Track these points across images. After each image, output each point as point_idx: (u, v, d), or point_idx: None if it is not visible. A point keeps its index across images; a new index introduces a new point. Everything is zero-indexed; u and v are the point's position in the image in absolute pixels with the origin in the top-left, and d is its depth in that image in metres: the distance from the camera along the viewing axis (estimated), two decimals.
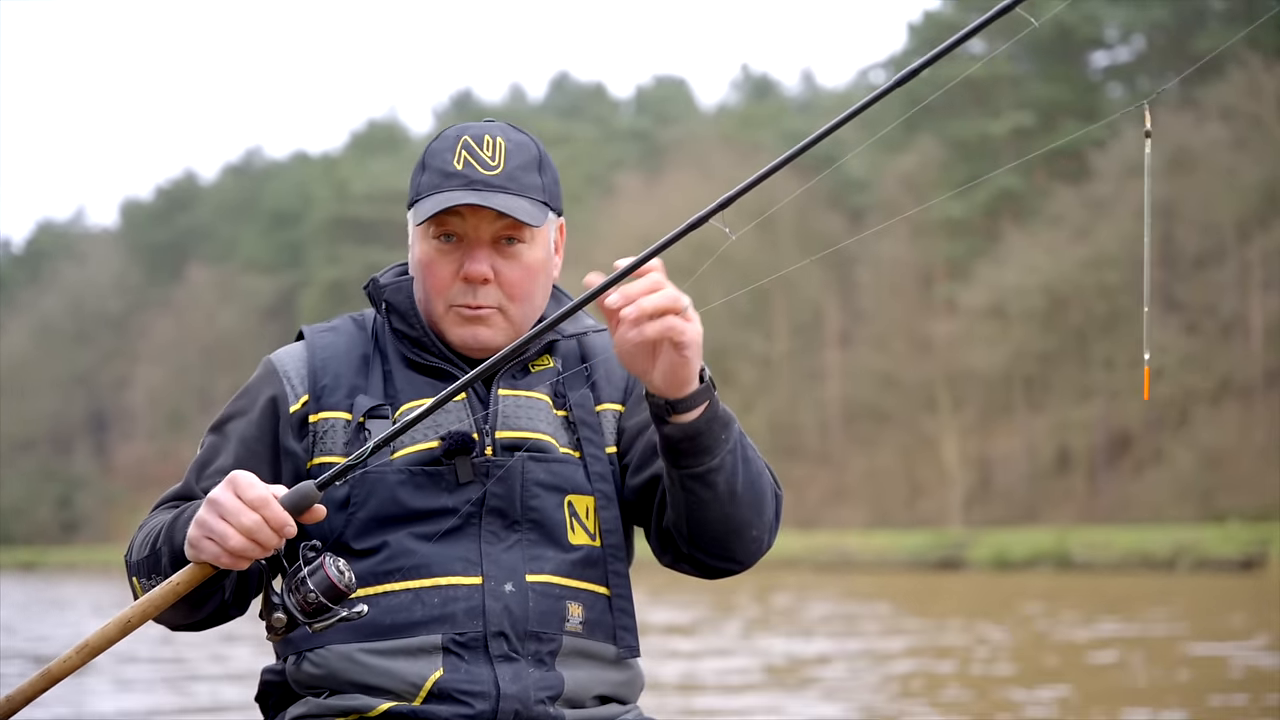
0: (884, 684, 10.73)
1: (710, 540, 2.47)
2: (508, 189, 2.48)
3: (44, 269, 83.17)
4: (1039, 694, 9.89)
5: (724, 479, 2.39)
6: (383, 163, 70.05)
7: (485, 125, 2.56)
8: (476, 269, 2.48)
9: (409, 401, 2.51)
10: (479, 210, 2.47)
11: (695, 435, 2.35)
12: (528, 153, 2.53)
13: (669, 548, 2.53)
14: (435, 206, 2.46)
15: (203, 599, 2.39)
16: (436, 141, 2.55)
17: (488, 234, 2.49)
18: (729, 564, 2.52)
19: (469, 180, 2.48)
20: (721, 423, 2.37)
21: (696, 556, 2.50)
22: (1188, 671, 11.25)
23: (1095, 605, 20.33)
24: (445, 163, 2.50)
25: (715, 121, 69.74)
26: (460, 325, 2.51)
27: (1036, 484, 46.42)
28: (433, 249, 2.50)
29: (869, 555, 41.04)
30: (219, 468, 2.49)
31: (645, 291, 2.26)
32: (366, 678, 2.41)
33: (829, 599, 23.73)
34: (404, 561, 2.43)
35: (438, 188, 2.48)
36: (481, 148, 2.51)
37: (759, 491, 2.45)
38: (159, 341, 72.91)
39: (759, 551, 2.52)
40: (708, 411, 2.35)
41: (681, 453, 2.36)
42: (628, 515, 2.58)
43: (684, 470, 2.38)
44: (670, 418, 2.34)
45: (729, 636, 15.87)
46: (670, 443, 2.36)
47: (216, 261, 75.17)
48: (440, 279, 2.50)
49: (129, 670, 12.48)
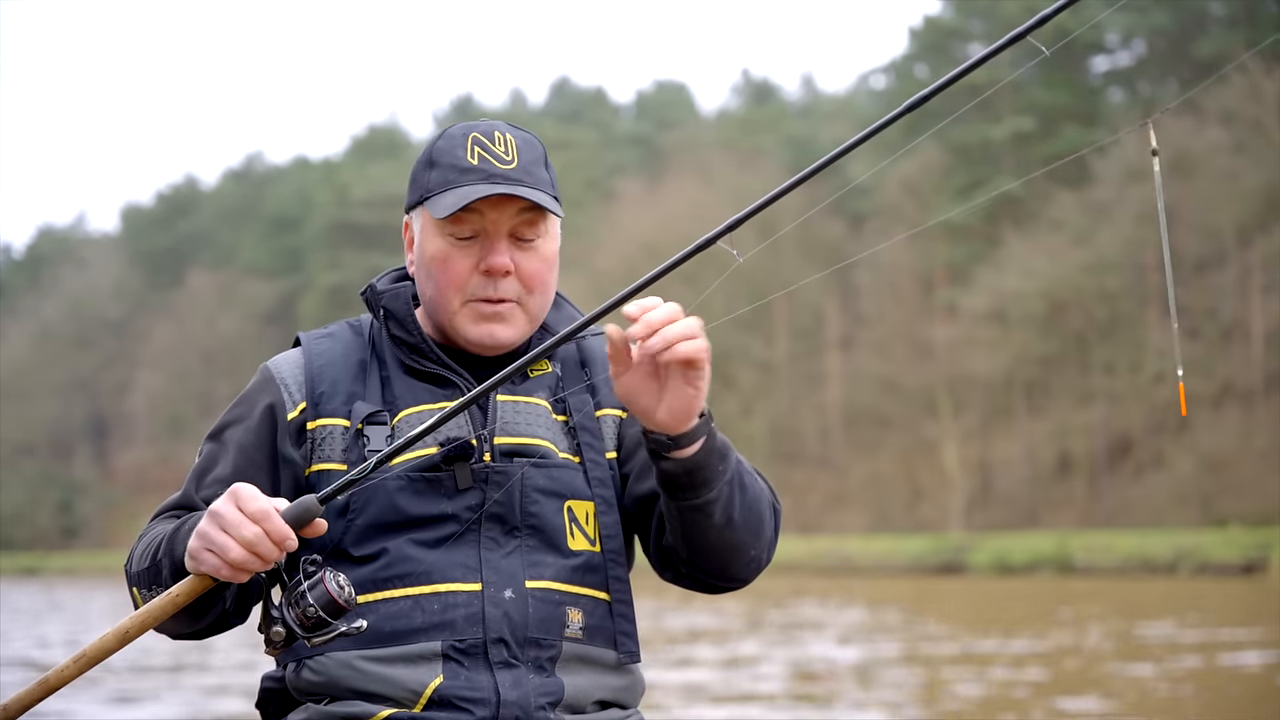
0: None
1: (709, 561, 2.47)
2: (524, 182, 2.48)
3: (44, 274, 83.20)
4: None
5: (721, 508, 2.39)
6: (383, 168, 70.09)
7: (491, 123, 2.55)
8: (500, 261, 2.47)
9: (407, 408, 2.50)
10: (499, 204, 2.46)
11: (694, 469, 2.34)
12: (535, 149, 2.54)
13: (669, 566, 2.53)
14: (461, 199, 2.44)
15: (204, 610, 2.39)
16: (442, 140, 2.53)
17: (506, 227, 2.49)
18: (728, 582, 2.53)
19: (488, 174, 2.47)
20: (720, 455, 2.36)
21: (696, 576, 2.51)
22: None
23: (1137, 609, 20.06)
24: (458, 159, 2.49)
25: (716, 126, 69.84)
26: (477, 322, 2.50)
27: (1037, 488, 46.42)
28: (449, 244, 2.49)
29: (870, 560, 41.03)
30: (217, 476, 2.48)
31: (665, 320, 2.25)
32: (366, 685, 2.40)
33: (863, 606, 23.26)
34: (403, 568, 2.42)
35: (454, 183, 2.47)
36: (494, 143, 2.50)
37: (757, 514, 2.45)
38: (159, 347, 72.94)
39: (757, 569, 2.52)
40: (706, 444, 2.34)
41: (680, 487, 2.36)
42: (627, 522, 2.58)
43: (682, 503, 2.38)
44: (670, 454, 2.33)
45: (765, 643, 15.59)
46: (669, 478, 2.35)
47: (217, 266, 75.22)
48: (458, 273, 2.49)
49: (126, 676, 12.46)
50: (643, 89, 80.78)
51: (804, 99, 75.31)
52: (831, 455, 52.03)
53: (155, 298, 76.61)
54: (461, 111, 79.83)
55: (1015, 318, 46.53)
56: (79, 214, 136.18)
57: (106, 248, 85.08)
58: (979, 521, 45.35)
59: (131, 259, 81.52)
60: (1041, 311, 45.85)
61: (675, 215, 51.52)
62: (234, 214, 79.39)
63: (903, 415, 49.67)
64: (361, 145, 76.20)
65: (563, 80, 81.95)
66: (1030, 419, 47.02)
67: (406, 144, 76.21)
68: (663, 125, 71.98)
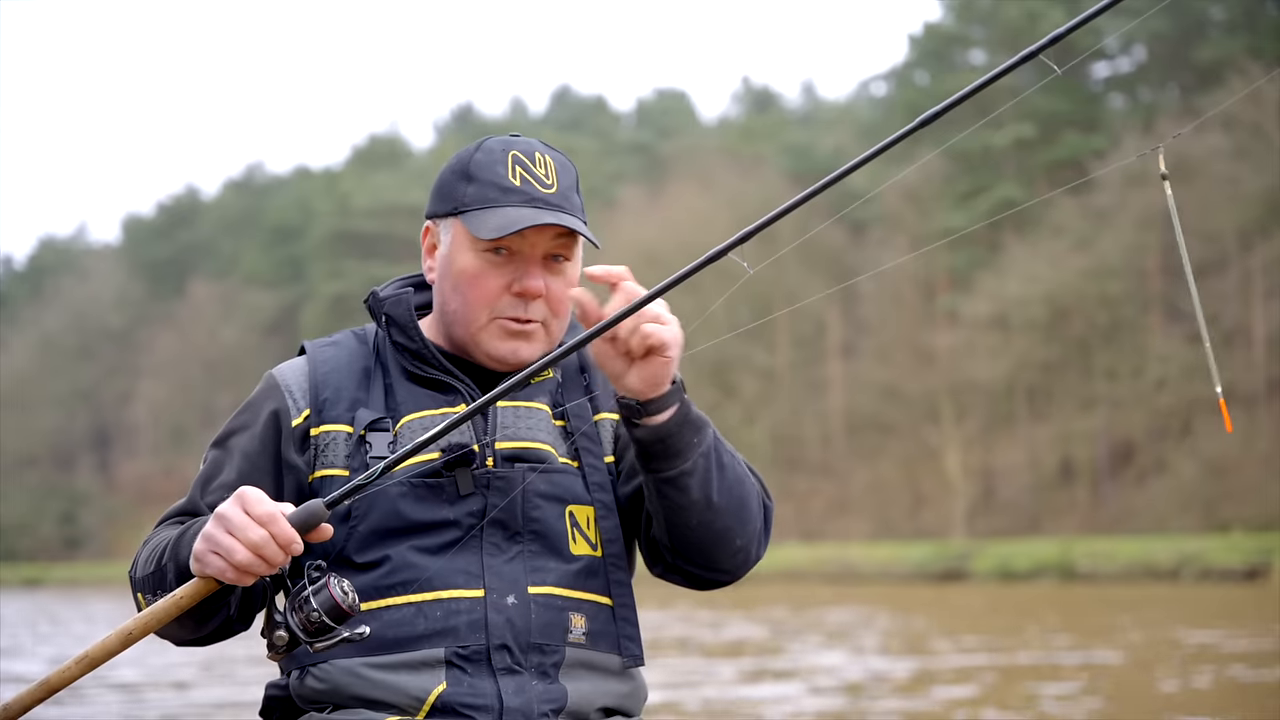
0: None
1: (693, 550, 2.48)
2: (564, 208, 2.51)
3: (46, 285, 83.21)
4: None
5: (697, 483, 2.40)
6: (384, 177, 70.10)
7: (530, 141, 2.57)
8: (535, 284, 2.49)
9: (410, 414, 2.51)
10: (540, 228, 2.48)
11: (666, 437, 2.37)
12: (571, 173, 2.56)
13: (658, 559, 2.55)
14: (511, 223, 2.45)
15: (208, 615, 2.39)
16: (480, 154, 2.54)
17: (541, 250, 2.51)
18: (715, 574, 2.53)
19: (530, 198, 2.49)
20: (693, 427, 2.39)
21: (682, 566, 2.52)
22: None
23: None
24: (499, 176, 2.50)
25: (716, 134, 69.86)
26: (504, 339, 2.51)
27: (1039, 495, 46.39)
28: (483, 261, 2.50)
29: (872, 567, 40.99)
30: (222, 483, 2.49)
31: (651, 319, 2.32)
32: (370, 692, 2.40)
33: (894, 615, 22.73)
34: (406, 575, 2.43)
35: (495, 202, 2.49)
36: (535, 164, 2.52)
37: (739, 499, 2.46)
38: (161, 357, 72.91)
39: (746, 562, 2.53)
40: (678, 414, 2.37)
41: (653, 455, 2.38)
42: (627, 525, 2.59)
43: (656, 474, 2.40)
44: (641, 420, 2.36)
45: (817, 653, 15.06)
46: (641, 445, 2.38)
47: (218, 277, 75.22)
48: (489, 291, 2.50)
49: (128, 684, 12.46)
50: (643, 97, 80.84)
51: (805, 106, 75.31)
52: (834, 462, 52.00)
53: (157, 308, 76.58)
54: (462, 120, 79.89)
55: (1017, 324, 46.52)
56: (80, 225, 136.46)
57: (108, 258, 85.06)
58: (981, 528, 45.31)
59: (133, 269, 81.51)
60: (1043, 317, 45.84)
61: (676, 223, 51.55)
62: (235, 224, 79.39)
63: (905, 422, 49.65)
64: (362, 155, 76.17)
65: (563, 89, 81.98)
66: (1032, 425, 47.00)
67: (407, 153, 76.21)
68: (663, 133, 72.00)
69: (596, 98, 79.82)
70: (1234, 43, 46.15)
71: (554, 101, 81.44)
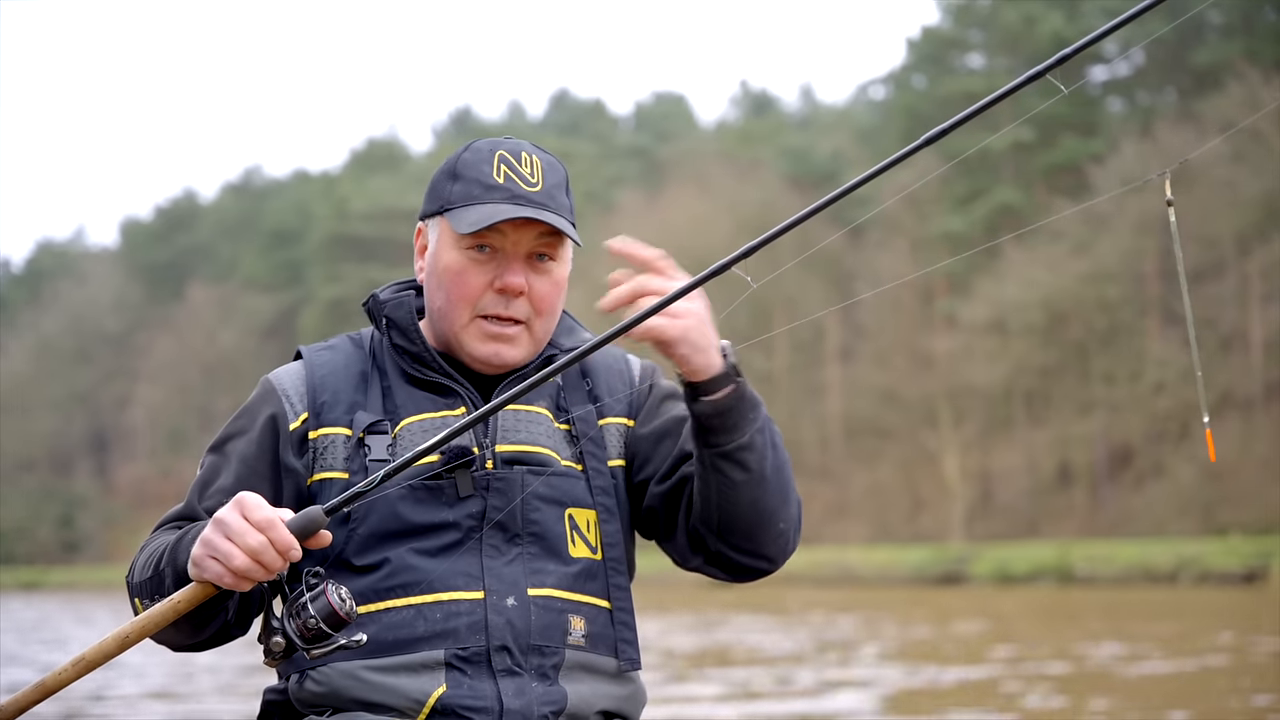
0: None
1: (740, 532, 2.47)
2: (547, 206, 2.51)
3: (44, 289, 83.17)
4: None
5: (754, 458, 2.42)
6: (382, 181, 70.11)
7: (518, 142, 2.57)
8: (516, 281, 2.49)
9: (408, 416, 2.51)
10: (521, 225, 2.49)
11: (725, 411, 2.39)
12: (559, 173, 2.57)
13: (699, 548, 2.52)
14: (486, 217, 2.46)
15: (205, 620, 2.38)
16: (468, 153, 2.55)
17: (525, 248, 2.51)
18: (758, 560, 2.52)
19: (513, 195, 2.49)
20: (750, 403, 2.42)
21: (724, 553, 2.50)
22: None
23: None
24: (484, 175, 2.51)
25: (715, 138, 69.84)
26: (484, 341, 2.52)
27: (1038, 498, 46.39)
28: (466, 258, 2.50)
29: (871, 570, 40.98)
30: (220, 487, 2.49)
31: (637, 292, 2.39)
32: (369, 695, 2.40)
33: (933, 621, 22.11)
34: (405, 577, 2.43)
35: (478, 199, 2.49)
36: (520, 163, 2.52)
37: (786, 480, 2.49)
38: (159, 361, 72.88)
39: (785, 548, 2.52)
40: (736, 392, 2.40)
41: (711, 429, 2.40)
42: (641, 527, 2.60)
43: (714, 449, 2.41)
44: (700, 396, 2.39)
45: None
46: (701, 419, 2.40)
47: (216, 280, 75.21)
48: (472, 288, 2.50)
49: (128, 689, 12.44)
50: (642, 100, 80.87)
51: (803, 110, 75.36)
52: (832, 466, 51.99)
53: (155, 312, 76.55)
54: (460, 124, 79.90)
55: (1015, 328, 46.53)
56: (78, 228, 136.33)
57: (106, 262, 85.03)
58: (979, 532, 45.32)
59: (131, 273, 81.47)
60: (1041, 321, 45.86)
61: (675, 227, 51.51)
62: (233, 228, 79.38)
63: (903, 426, 49.66)
64: (360, 158, 76.17)
65: (562, 92, 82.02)
66: (1030, 429, 47.00)
67: (405, 157, 76.21)
68: (662, 137, 72.00)
69: (595, 101, 79.88)
70: (1231, 47, 46.18)
71: (552, 105, 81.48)
